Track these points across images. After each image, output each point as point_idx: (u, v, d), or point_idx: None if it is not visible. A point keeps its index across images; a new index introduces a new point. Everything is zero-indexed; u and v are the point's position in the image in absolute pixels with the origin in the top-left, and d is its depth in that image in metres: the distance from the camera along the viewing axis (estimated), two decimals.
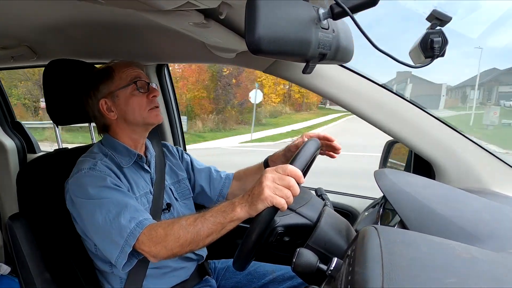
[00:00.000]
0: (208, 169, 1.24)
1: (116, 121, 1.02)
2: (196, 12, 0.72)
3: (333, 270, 0.59)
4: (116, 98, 1.00)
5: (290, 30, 0.51)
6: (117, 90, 0.99)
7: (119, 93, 0.99)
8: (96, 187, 0.88)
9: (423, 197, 0.71)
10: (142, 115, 1.00)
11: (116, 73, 1.01)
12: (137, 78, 1.00)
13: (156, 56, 1.36)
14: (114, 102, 1.00)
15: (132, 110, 0.99)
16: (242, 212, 0.73)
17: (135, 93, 0.99)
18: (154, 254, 0.81)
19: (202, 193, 1.21)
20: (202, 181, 1.21)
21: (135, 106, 0.99)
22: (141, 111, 1.00)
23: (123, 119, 1.01)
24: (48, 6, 0.92)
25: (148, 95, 1.01)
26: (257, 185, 0.71)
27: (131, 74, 1.01)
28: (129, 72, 1.01)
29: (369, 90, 0.97)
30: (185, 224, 0.78)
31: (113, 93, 1.00)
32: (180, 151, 1.25)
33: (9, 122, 2.00)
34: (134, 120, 1.01)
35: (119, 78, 1.00)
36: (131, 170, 1.01)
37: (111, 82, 1.00)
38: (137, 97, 1.00)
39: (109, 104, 1.00)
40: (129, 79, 1.00)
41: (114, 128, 1.04)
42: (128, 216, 0.84)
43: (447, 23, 0.67)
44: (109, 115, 1.01)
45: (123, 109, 1.00)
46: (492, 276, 0.45)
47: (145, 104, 1.00)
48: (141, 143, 1.08)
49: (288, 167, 0.71)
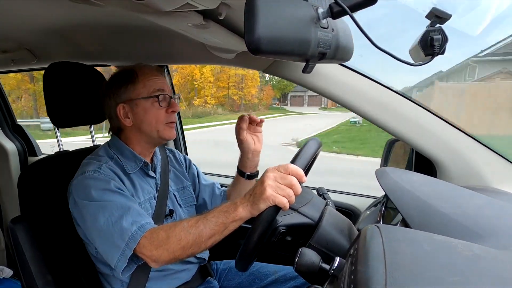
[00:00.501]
0: (213, 184, 1.24)
1: (130, 128, 1.00)
2: (195, 13, 0.72)
3: (336, 269, 0.59)
4: (135, 106, 0.97)
5: (290, 29, 0.51)
6: (137, 99, 0.97)
7: (139, 102, 0.97)
8: (99, 189, 0.88)
9: (425, 195, 0.70)
10: (157, 129, 0.98)
11: (140, 79, 0.97)
12: (160, 91, 0.97)
13: (155, 58, 1.36)
14: (132, 110, 0.98)
15: (149, 122, 0.97)
16: (244, 211, 0.72)
17: (155, 105, 0.97)
18: (155, 258, 0.80)
19: (203, 207, 1.21)
20: (206, 195, 1.21)
21: (152, 118, 0.97)
22: (158, 125, 0.98)
23: (138, 128, 0.99)
24: (47, 9, 0.92)
25: (167, 110, 0.99)
26: (259, 184, 0.71)
27: (155, 85, 0.98)
28: (154, 81, 0.98)
29: (369, 89, 0.97)
30: (187, 226, 0.78)
31: (133, 101, 0.97)
32: (188, 161, 1.24)
33: (10, 125, 2.01)
34: (149, 132, 0.99)
35: (143, 86, 0.97)
36: (136, 175, 1.00)
37: (133, 88, 0.97)
38: (157, 109, 0.97)
39: (126, 110, 0.98)
40: (152, 89, 0.97)
41: (126, 133, 1.02)
42: (130, 219, 0.83)
43: (447, 21, 0.67)
44: (124, 121, 0.99)
45: (140, 118, 0.97)
46: (495, 274, 0.45)
47: (163, 119, 0.98)
48: (151, 152, 1.07)
49: (289, 166, 0.71)
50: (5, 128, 1.97)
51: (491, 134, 8.74)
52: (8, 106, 2.02)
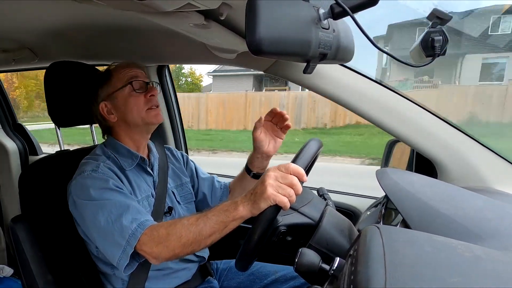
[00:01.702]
0: (211, 178, 1.24)
1: (117, 123, 1.02)
2: (196, 13, 0.72)
3: (336, 270, 0.59)
4: (114, 100, 1.00)
5: (291, 30, 0.51)
6: (115, 92, 0.99)
7: (117, 95, 0.99)
8: (98, 189, 0.88)
9: (426, 196, 0.70)
10: (140, 115, 0.99)
11: (114, 75, 1.00)
12: (133, 78, 0.99)
13: (156, 57, 1.36)
14: (114, 104, 1.00)
15: (131, 111, 0.99)
16: (245, 210, 0.72)
17: (132, 93, 0.99)
18: (155, 255, 0.81)
19: (203, 201, 1.21)
20: (205, 189, 1.22)
21: (133, 106, 0.99)
22: (140, 111, 0.99)
23: (123, 120, 1.01)
24: (48, 8, 0.92)
25: (145, 95, 1.00)
26: (260, 183, 0.71)
27: (128, 75, 1.00)
28: (126, 73, 1.00)
29: (370, 89, 0.97)
30: (187, 224, 0.78)
31: (112, 95, 0.99)
32: (185, 158, 1.25)
33: (11, 124, 2.01)
34: (134, 121, 1.00)
35: (117, 80, 1.00)
36: (133, 173, 1.01)
37: (109, 84, 1.00)
38: (135, 97, 0.99)
39: (108, 106, 1.00)
40: (125, 79, 0.99)
41: (116, 130, 1.04)
42: (130, 217, 0.83)
43: (448, 22, 0.67)
44: (109, 117, 1.01)
45: (122, 110, 1.00)
46: (495, 275, 0.45)
47: (143, 104, 0.99)
48: (144, 144, 1.08)
49: (290, 166, 0.71)
50: (6, 127, 1.97)
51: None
52: (9, 105, 2.02)
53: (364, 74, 0.98)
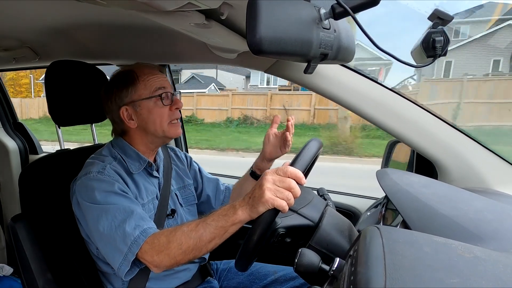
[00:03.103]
0: (216, 180, 1.24)
1: (136, 129, 0.99)
2: (197, 12, 0.72)
3: (336, 270, 0.59)
4: (138, 107, 0.96)
5: (292, 30, 0.51)
6: (140, 100, 0.96)
7: (141, 103, 0.96)
8: (103, 192, 0.87)
9: (426, 197, 0.70)
10: (162, 128, 0.97)
11: (140, 80, 0.96)
12: (162, 89, 0.97)
13: (157, 57, 1.36)
14: (136, 111, 0.97)
15: (153, 122, 0.97)
16: (244, 214, 0.72)
17: (158, 104, 0.96)
18: (156, 263, 0.80)
19: (207, 203, 1.21)
20: (210, 191, 1.21)
21: (156, 118, 0.96)
22: (162, 124, 0.97)
23: (143, 128, 0.98)
24: (49, 7, 0.92)
25: (171, 107, 0.98)
26: (258, 187, 0.71)
27: (156, 83, 0.96)
28: (154, 81, 0.97)
29: (371, 90, 0.96)
30: (187, 230, 0.77)
31: (135, 103, 0.96)
32: (189, 159, 1.24)
33: (11, 123, 2.01)
34: (154, 132, 0.98)
35: (143, 87, 0.96)
36: (140, 176, 1.00)
37: (134, 90, 0.96)
38: (160, 108, 0.96)
39: (130, 112, 0.97)
40: (153, 89, 0.96)
41: (131, 135, 1.01)
42: (133, 223, 0.83)
43: (449, 23, 0.67)
44: (129, 123, 0.98)
45: (144, 119, 0.97)
46: (495, 276, 0.44)
47: (167, 117, 0.97)
48: (154, 151, 1.07)
49: (288, 169, 0.71)
50: (7, 126, 1.97)
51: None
52: (10, 104, 2.02)
53: (364, 75, 0.97)
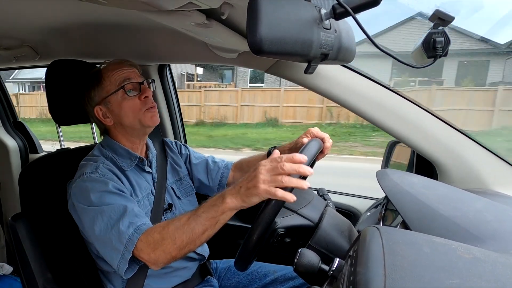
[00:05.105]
0: (205, 160, 1.22)
1: (114, 126, 1.00)
2: (198, 12, 0.72)
3: (335, 270, 0.59)
4: (108, 104, 0.97)
5: (292, 30, 0.51)
6: (108, 96, 0.96)
7: (110, 99, 0.96)
8: (97, 192, 0.87)
9: (425, 197, 0.70)
10: (137, 118, 0.97)
11: (105, 77, 0.97)
12: (125, 81, 0.96)
13: (158, 56, 1.36)
14: (108, 108, 0.98)
15: (126, 115, 0.97)
16: (233, 203, 0.72)
17: (125, 96, 0.96)
18: (153, 260, 0.80)
19: (202, 186, 1.21)
20: (200, 174, 1.20)
21: (128, 110, 0.96)
22: (136, 114, 0.97)
23: (120, 124, 0.99)
24: (50, 7, 0.92)
25: (140, 97, 0.97)
26: (252, 178, 0.69)
27: (119, 77, 0.96)
28: (118, 75, 0.96)
29: (371, 90, 0.96)
30: (179, 225, 0.77)
31: (105, 100, 0.97)
32: (179, 145, 1.24)
33: (12, 122, 2.01)
34: (131, 124, 0.98)
35: (109, 83, 0.96)
36: (133, 172, 1.00)
37: (101, 88, 0.97)
38: (129, 100, 0.96)
39: (103, 110, 0.98)
40: (117, 82, 0.96)
41: (113, 132, 1.02)
42: (127, 221, 0.83)
43: (450, 23, 0.67)
44: (105, 121, 0.99)
45: (118, 114, 0.97)
46: (494, 277, 0.45)
47: (139, 106, 0.97)
48: (142, 144, 1.07)
49: (284, 156, 0.69)
50: (7, 125, 1.97)
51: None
52: (10, 103, 2.02)
53: (365, 75, 0.97)
